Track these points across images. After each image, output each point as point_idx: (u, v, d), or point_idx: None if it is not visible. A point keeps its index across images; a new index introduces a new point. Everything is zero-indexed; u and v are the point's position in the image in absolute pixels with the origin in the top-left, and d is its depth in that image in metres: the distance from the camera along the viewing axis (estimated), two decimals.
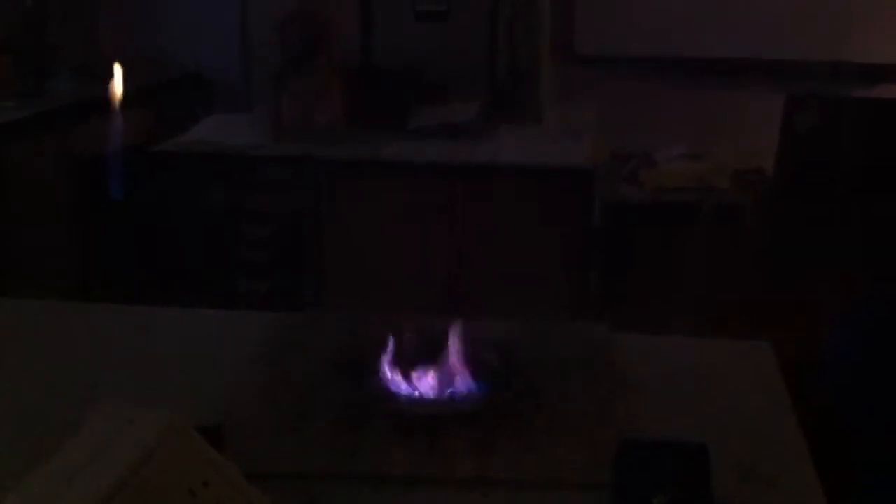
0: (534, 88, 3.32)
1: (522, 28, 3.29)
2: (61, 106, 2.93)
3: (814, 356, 1.53)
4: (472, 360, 1.26)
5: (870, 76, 3.10)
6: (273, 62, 3.13)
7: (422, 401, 1.22)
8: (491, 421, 1.17)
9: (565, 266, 2.80)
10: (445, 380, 1.24)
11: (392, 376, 1.25)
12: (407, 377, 1.25)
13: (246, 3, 3.46)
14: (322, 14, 3.10)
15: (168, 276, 2.85)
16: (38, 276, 2.56)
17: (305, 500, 1.00)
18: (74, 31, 3.29)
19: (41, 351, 1.40)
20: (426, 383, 1.24)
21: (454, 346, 1.26)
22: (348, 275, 2.93)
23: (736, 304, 2.48)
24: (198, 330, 1.50)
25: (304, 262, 3.00)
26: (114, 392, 1.24)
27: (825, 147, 2.64)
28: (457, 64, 3.32)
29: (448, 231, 2.85)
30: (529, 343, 1.37)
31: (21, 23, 3.17)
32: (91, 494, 0.76)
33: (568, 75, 3.34)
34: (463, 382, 1.24)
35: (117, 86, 1.55)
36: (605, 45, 3.31)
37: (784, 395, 1.29)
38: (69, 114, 2.89)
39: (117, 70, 1.55)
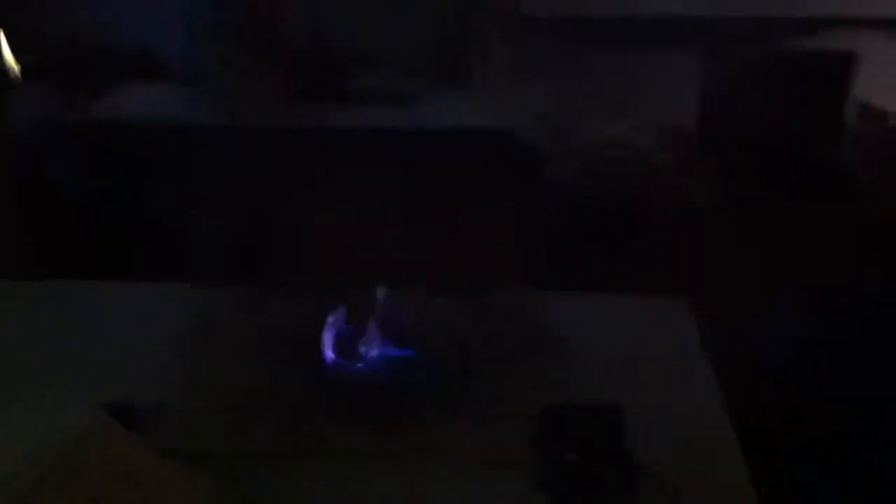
0: (479, 53, 3.33)
1: None
2: None
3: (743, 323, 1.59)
4: (409, 333, 1.29)
5: (790, 30, 3.17)
6: (217, 36, 3.09)
7: (359, 376, 1.25)
8: (427, 394, 1.20)
9: (507, 230, 2.83)
10: (382, 354, 1.26)
11: (330, 351, 1.28)
12: (345, 352, 1.27)
13: None
14: None
15: (104, 253, 2.82)
16: None
17: (245, 478, 1.02)
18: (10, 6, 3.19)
19: None
20: (363, 357, 1.26)
21: (391, 319, 1.28)
22: (294, 246, 2.94)
23: (664, 266, 2.53)
24: (131, 305, 1.48)
25: (249, 235, 3.00)
26: (41, 373, 1.25)
27: (746, 103, 2.69)
28: (402, 29, 3.31)
29: (393, 198, 2.86)
30: (465, 312, 1.39)
31: None
32: (21, 481, 0.77)
33: (517, 44, 3.34)
34: (399, 355, 1.26)
35: (9, 57, 1.49)
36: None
37: (700, 352, 1.35)
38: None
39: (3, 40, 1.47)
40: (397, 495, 1.04)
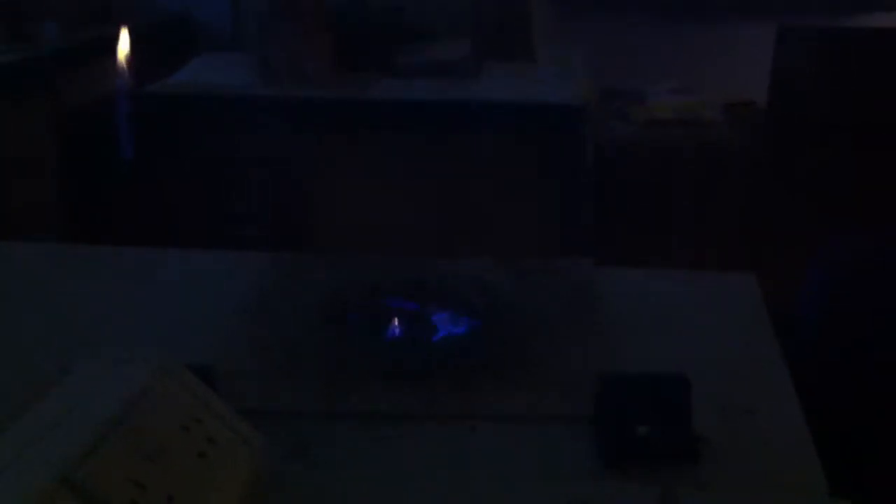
0: (524, 26, 3.29)
1: None
2: (45, 53, 2.89)
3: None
4: (457, 301, 1.27)
5: (862, 5, 3.08)
6: (259, 4, 3.08)
7: (408, 343, 1.24)
8: (475, 361, 1.18)
9: (555, 204, 2.80)
10: (430, 321, 1.25)
11: (378, 319, 1.26)
12: (393, 319, 1.25)
13: None
14: None
15: (155, 222, 2.83)
16: (21, 224, 2.55)
17: (294, 438, 1.02)
18: None
19: (29, 294, 1.41)
20: (411, 325, 1.25)
21: (439, 287, 1.27)
22: (337, 217, 2.93)
23: (726, 240, 2.48)
24: (187, 271, 1.50)
25: (293, 206, 3.00)
26: (102, 335, 1.26)
27: (817, 79, 2.62)
28: (446, 2, 3.28)
29: (437, 171, 2.84)
30: (514, 281, 1.37)
31: None
32: (83, 433, 0.77)
33: (558, 13, 3.30)
34: (448, 323, 1.24)
35: (123, 43, 1.52)
36: None
37: (768, 328, 1.30)
38: (54, 61, 2.86)
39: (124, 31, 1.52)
40: (444, 457, 1.02)
